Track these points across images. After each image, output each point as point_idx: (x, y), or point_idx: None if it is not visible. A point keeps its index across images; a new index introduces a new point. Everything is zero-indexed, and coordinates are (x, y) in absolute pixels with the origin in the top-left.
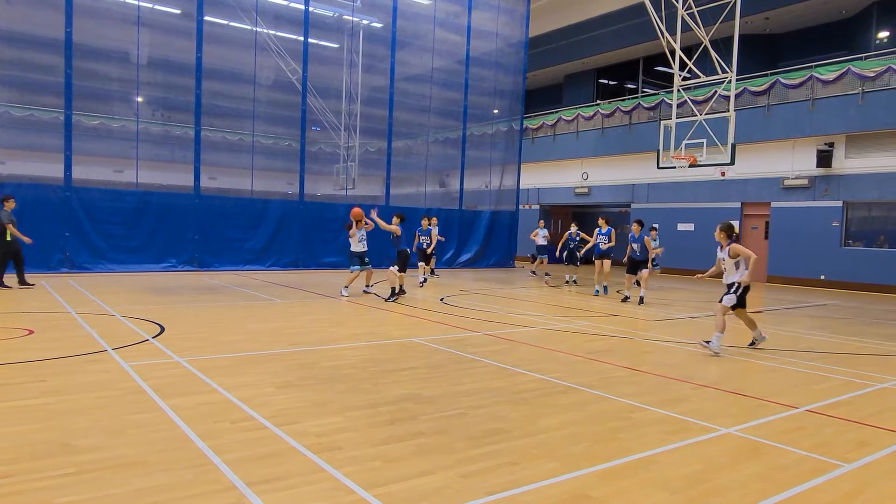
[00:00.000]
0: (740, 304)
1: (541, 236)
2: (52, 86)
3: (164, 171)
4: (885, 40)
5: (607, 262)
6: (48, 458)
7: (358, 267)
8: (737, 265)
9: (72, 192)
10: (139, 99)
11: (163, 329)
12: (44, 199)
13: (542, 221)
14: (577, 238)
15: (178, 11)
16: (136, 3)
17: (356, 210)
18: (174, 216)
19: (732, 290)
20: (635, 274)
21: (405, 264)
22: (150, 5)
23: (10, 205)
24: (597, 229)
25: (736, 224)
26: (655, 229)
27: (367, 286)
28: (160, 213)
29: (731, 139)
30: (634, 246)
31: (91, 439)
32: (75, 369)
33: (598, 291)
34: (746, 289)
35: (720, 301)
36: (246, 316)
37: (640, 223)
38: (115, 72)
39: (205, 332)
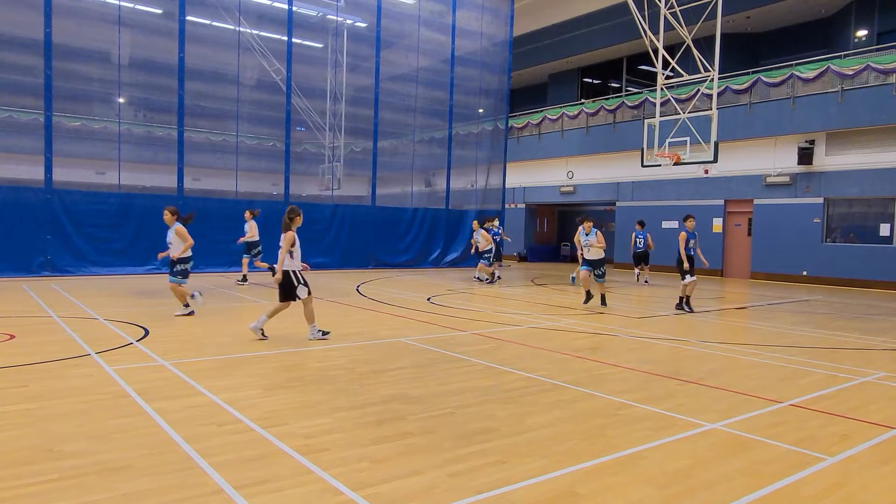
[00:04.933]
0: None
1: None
2: (32, 87)
3: (147, 173)
4: (864, 39)
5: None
6: (31, 465)
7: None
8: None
9: (53, 195)
10: (121, 100)
11: (147, 332)
12: (24, 202)
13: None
14: (500, 234)
15: (159, 11)
16: (117, 3)
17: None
18: (158, 218)
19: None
20: (691, 273)
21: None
22: (131, 5)
23: None
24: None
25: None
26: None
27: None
28: (143, 215)
29: (713, 137)
30: (692, 242)
31: (75, 444)
32: (58, 374)
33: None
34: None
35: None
36: (231, 318)
37: (694, 218)
38: (96, 73)
39: (190, 334)
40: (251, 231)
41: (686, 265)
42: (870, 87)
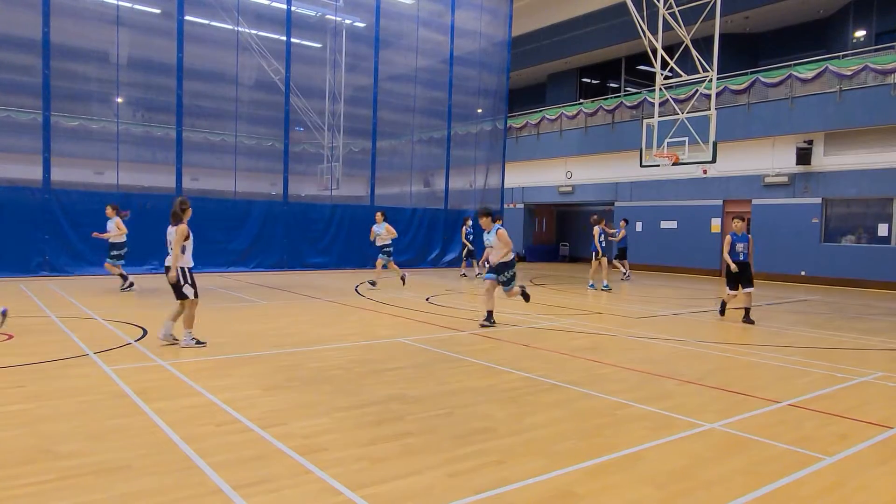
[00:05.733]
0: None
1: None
2: (30, 86)
3: (146, 173)
4: (862, 39)
5: (604, 260)
6: (29, 465)
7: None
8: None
9: (51, 195)
10: (119, 100)
11: (145, 332)
12: (22, 202)
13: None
14: (472, 234)
15: (157, 11)
16: (115, 2)
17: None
18: (156, 218)
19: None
20: (742, 284)
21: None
22: (130, 5)
23: None
24: (597, 228)
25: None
26: (626, 221)
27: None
28: (142, 215)
29: (712, 137)
30: (740, 246)
31: (73, 444)
32: (56, 374)
33: (602, 286)
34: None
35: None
36: (230, 318)
37: (744, 219)
38: (94, 72)
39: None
40: (117, 229)
41: (734, 268)
42: (868, 88)
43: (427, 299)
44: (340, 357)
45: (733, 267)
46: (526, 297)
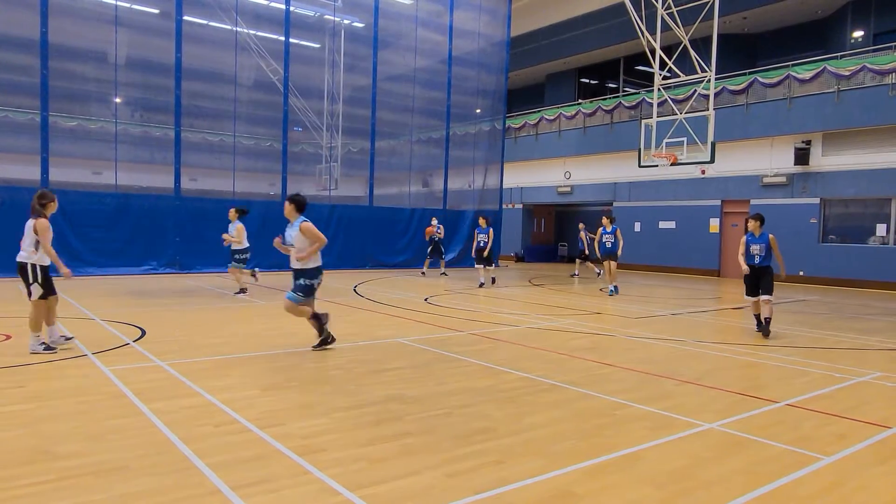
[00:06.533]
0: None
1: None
2: (28, 86)
3: (144, 173)
4: (860, 39)
5: (613, 262)
6: (27, 465)
7: None
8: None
9: None
10: (118, 100)
11: (144, 332)
12: (20, 202)
13: None
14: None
15: (156, 11)
16: (114, 2)
17: None
18: (154, 218)
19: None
20: (759, 290)
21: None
22: (128, 5)
23: None
24: (601, 228)
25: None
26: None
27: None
28: (140, 216)
29: (710, 137)
30: (755, 248)
31: (71, 445)
32: (55, 374)
33: (612, 291)
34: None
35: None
36: (228, 318)
37: (761, 219)
38: (92, 72)
39: (187, 334)
40: None
41: (745, 270)
42: (866, 88)
43: (426, 299)
44: (339, 357)
45: (745, 269)
46: (322, 335)
